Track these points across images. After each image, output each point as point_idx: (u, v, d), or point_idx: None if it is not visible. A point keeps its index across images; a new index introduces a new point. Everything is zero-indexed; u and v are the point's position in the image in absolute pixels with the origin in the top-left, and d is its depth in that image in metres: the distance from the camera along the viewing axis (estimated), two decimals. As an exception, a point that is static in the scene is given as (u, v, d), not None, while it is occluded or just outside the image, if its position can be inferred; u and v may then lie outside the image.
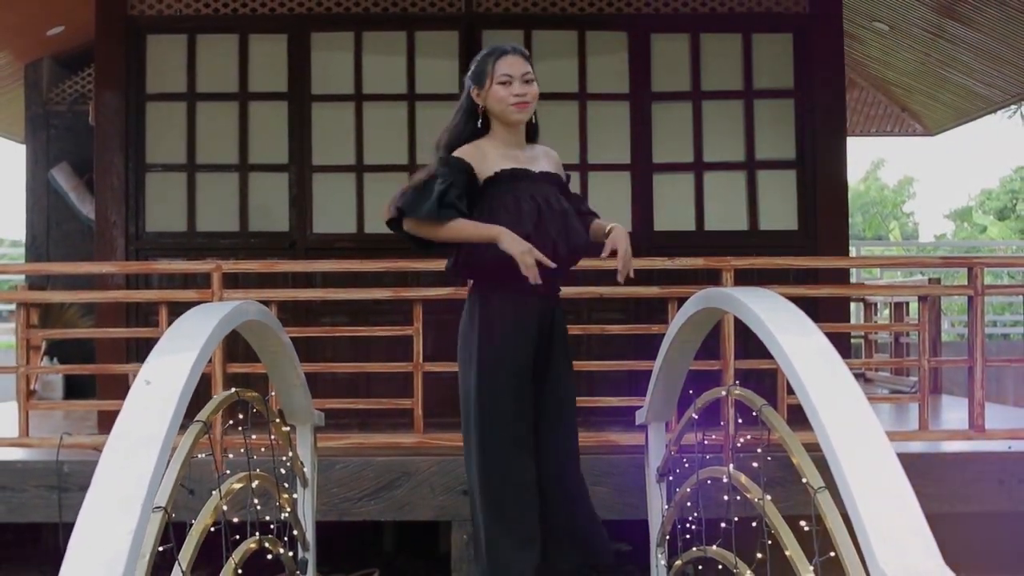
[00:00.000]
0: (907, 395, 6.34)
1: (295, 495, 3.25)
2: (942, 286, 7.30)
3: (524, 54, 3.16)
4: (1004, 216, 23.50)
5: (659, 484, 3.38)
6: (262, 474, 2.74)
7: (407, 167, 5.98)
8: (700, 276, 4.76)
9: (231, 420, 2.71)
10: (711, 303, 2.72)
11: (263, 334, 2.83)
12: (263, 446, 2.83)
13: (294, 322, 4.94)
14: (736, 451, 3.05)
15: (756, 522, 2.41)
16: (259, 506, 2.64)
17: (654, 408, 3.40)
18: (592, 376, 5.19)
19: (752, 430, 2.74)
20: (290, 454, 3.15)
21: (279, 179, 6.26)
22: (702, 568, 3.06)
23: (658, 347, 3.23)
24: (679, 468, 3.20)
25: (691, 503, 2.94)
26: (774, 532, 2.34)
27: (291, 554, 3.06)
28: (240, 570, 2.50)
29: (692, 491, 2.92)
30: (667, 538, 3.28)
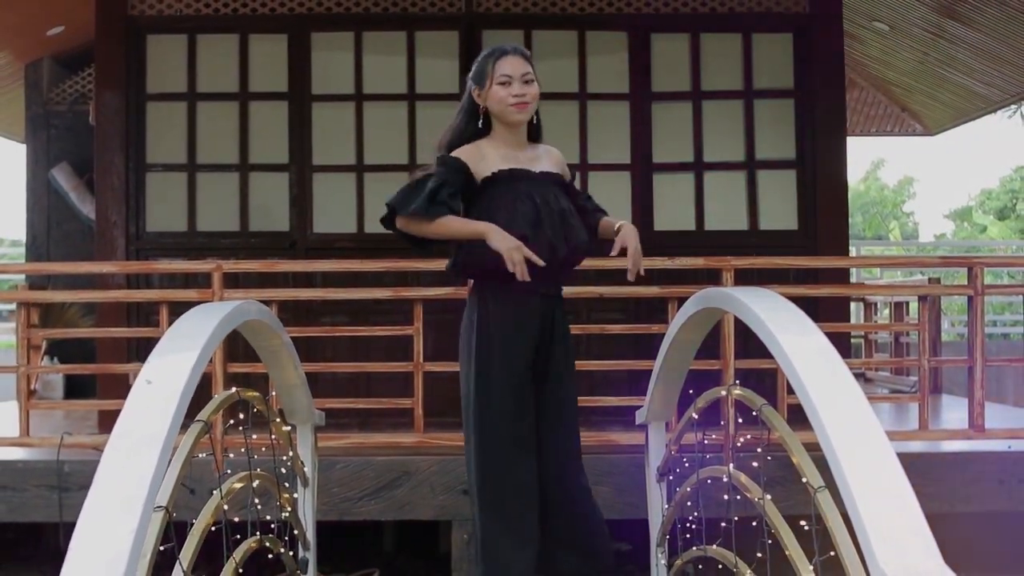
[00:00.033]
0: (907, 395, 6.34)
1: (295, 495, 3.25)
2: (942, 286, 7.30)
3: (524, 54, 3.16)
4: (1004, 216, 23.52)
5: (659, 484, 3.38)
6: (263, 474, 2.74)
7: (407, 167, 5.97)
8: (700, 276, 4.76)
9: (232, 420, 2.71)
10: (711, 303, 2.72)
11: (264, 334, 2.83)
12: (264, 446, 2.83)
13: (294, 322, 4.94)
14: (736, 451, 3.06)
15: (756, 521, 2.41)
16: (260, 506, 2.64)
17: (654, 408, 3.40)
18: (592, 376, 5.19)
19: (752, 430, 2.74)
20: (290, 454, 3.15)
21: (279, 179, 6.26)
22: (702, 567, 3.06)
23: (658, 347, 3.23)
24: (679, 468, 3.20)
25: (691, 502, 2.94)
26: (774, 531, 2.35)
27: (291, 553, 3.06)
28: (241, 569, 2.50)
29: (692, 491, 2.92)
30: (667, 537, 3.28)
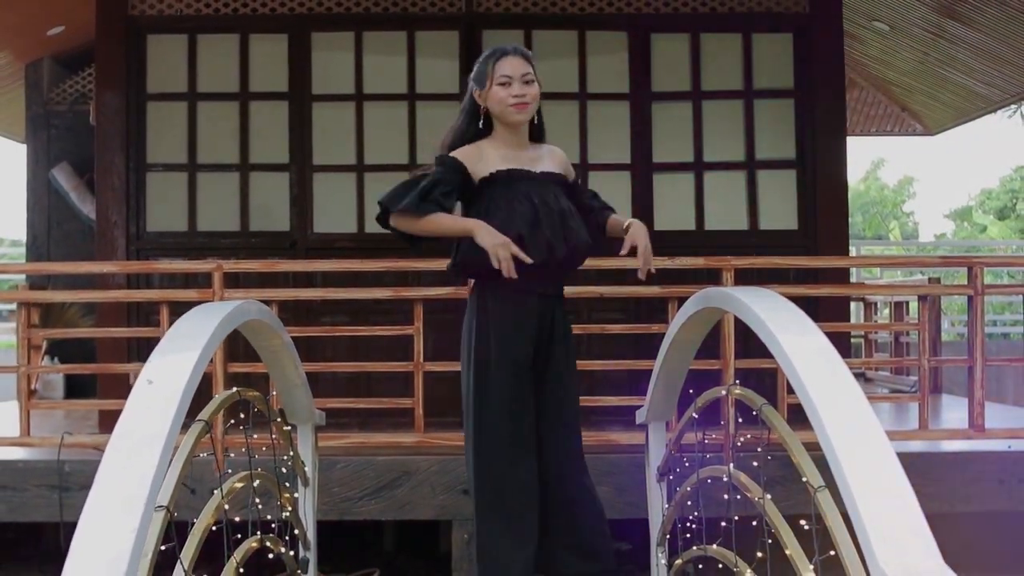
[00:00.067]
0: (907, 394, 6.34)
1: (296, 494, 3.25)
2: (942, 286, 7.31)
3: (525, 55, 3.17)
4: (1004, 216, 23.52)
5: (659, 483, 3.38)
6: (263, 473, 2.74)
7: (408, 167, 5.96)
8: (700, 276, 4.77)
9: (232, 419, 2.71)
10: (711, 303, 2.72)
11: (264, 334, 2.83)
12: (264, 445, 2.83)
13: (295, 322, 4.95)
14: (736, 450, 3.06)
15: (756, 521, 2.41)
16: (260, 505, 2.64)
17: (654, 407, 3.40)
18: (592, 376, 5.19)
19: (752, 429, 2.74)
20: (291, 453, 3.15)
21: (280, 179, 6.26)
22: (702, 567, 3.06)
23: (658, 347, 3.23)
24: (679, 467, 3.20)
25: (691, 502, 2.94)
26: (774, 531, 2.35)
27: (292, 553, 3.06)
28: (241, 569, 2.50)
29: (692, 490, 2.93)
30: (667, 537, 3.28)
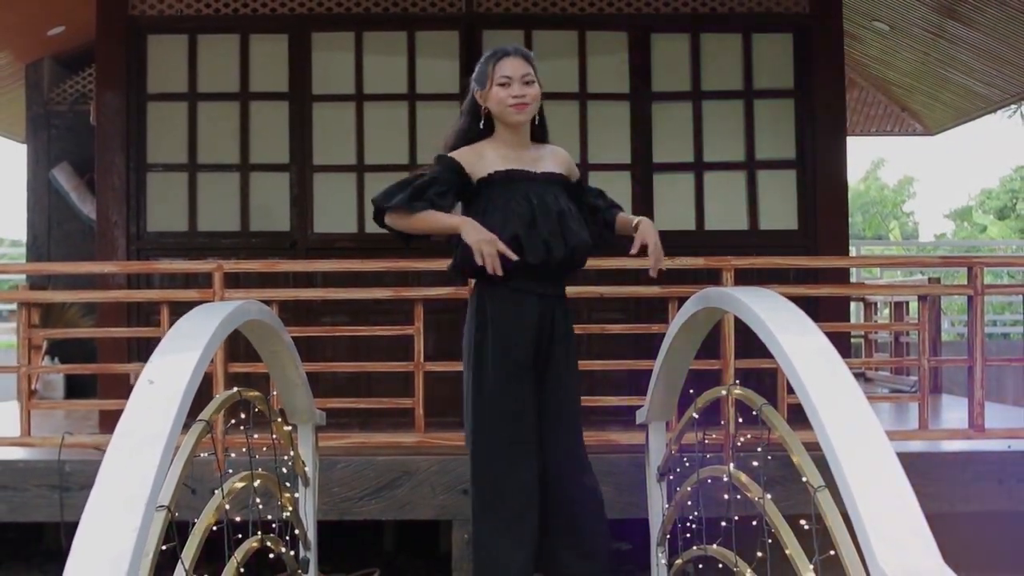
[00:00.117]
0: (907, 394, 6.35)
1: (296, 494, 3.25)
2: (942, 286, 7.31)
3: (525, 55, 3.16)
4: (1004, 216, 23.52)
5: (659, 483, 3.38)
6: (264, 473, 2.74)
7: (408, 167, 5.96)
8: (700, 276, 4.77)
9: (233, 419, 2.71)
10: (711, 303, 2.73)
11: (265, 334, 2.84)
12: (265, 445, 2.84)
13: (295, 322, 4.95)
14: (736, 450, 3.06)
15: (756, 521, 2.42)
16: (261, 505, 2.65)
17: (654, 407, 3.40)
18: (592, 376, 5.19)
19: (752, 429, 2.75)
20: (291, 453, 3.15)
21: (280, 179, 6.26)
22: (702, 567, 3.06)
23: (658, 347, 3.24)
24: (679, 467, 3.20)
25: (691, 502, 2.95)
26: (774, 531, 2.35)
27: (292, 553, 3.07)
28: (242, 569, 2.50)
29: (692, 490, 2.93)
30: (667, 537, 3.29)
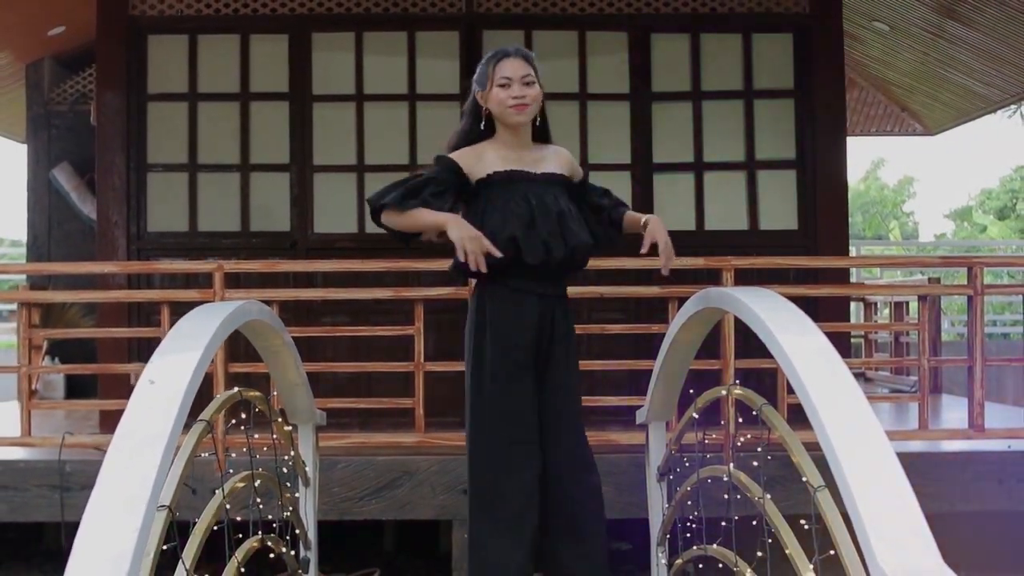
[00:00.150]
0: (907, 394, 6.35)
1: (297, 494, 3.25)
2: (942, 286, 7.32)
3: (526, 56, 3.16)
4: (1004, 216, 23.52)
5: (659, 483, 3.39)
6: (264, 473, 2.75)
7: (408, 167, 5.97)
8: (700, 276, 4.77)
9: (233, 419, 2.72)
10: (711, 303, 2.73)
11: (265, 334, 2.84)
12: (265, 445, 2.84)
13: (295, 322, 4.95)
14: (736, 450, 3.07)
15: (756, 521, 2.42)
16: (261, 505, 2.65)
17: (654, 407, 3.41)
18: (592, 376, 5.19)
19: (752, 429, 2.75)
20: (292, 453, 3.16)
21: (280, 179, 6.27)
22: (702, 567, 3.07)
23: (658, 347, 3.24)
24: (679, 467, 3.20)
25: (691, 502, 2.95)
26: (774, 531, 2.35)
27: (293, 553, 3.07)
28: (243, 569, 2.51)
29: (692, 490, 2.93)
30: (668, 537, 3.29)
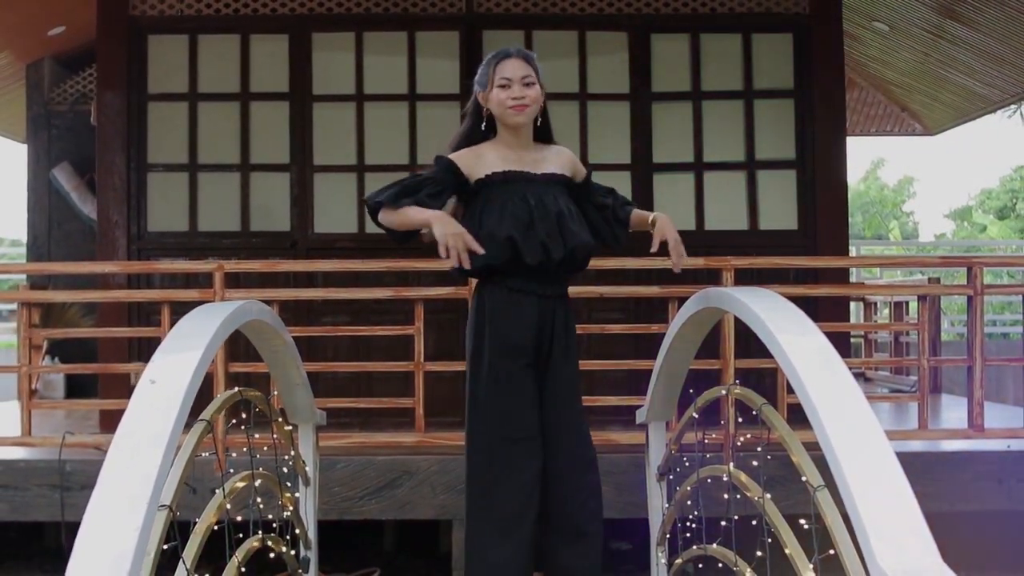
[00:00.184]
0: (907, 394, 6.35)
1: (297, 494, 3.26)
2: (942, 286, 7.32)
3: (526, 57, 3.16)
4: (1004, 215, 23.51)
5: (659, 483, 3.39)
6: (264, 473, 2.75)
7: (408, 167, 5.98)
8: (700, 276, 4.77)
9: (234, 419, 2.72)
10: (711, 303, 2.73)
11: (265, 334, 2.84)
12: (265, 445, 2.84)
13: (295, 322, 4.95)
14: (736, 450, 3.07)
15: (756, 520, 2.42)
16: (261, 505, 2.65)
17: (654, 407, 3.41)
18: (592, 375, 5.19)
19: (752, 429, 2.75)
20: (292, 453, 3.16)
21: (280, 179, 6.27)
22: (702, 566, 3.07)
23: (658, 347, 3.24)
24: (679, 467, 3.21)
25: (691, 502, 2.95)
26: (774, 530, 2.35)
27: (293, 553, 3.07)
28: (243, 568, 2.51)
29: (692, 490, 2.93)
30: (667, 536, 3.29)
